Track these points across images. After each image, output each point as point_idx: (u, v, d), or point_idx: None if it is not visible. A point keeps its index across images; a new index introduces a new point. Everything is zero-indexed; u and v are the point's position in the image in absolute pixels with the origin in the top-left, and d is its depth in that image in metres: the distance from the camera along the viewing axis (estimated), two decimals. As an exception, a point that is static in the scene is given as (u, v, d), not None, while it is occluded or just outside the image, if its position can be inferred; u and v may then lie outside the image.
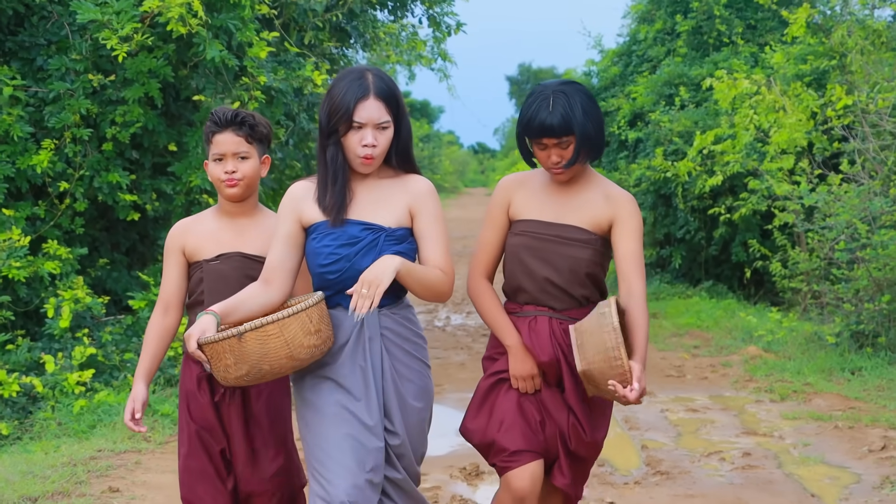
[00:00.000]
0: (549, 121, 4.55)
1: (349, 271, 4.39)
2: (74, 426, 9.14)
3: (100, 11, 10.21)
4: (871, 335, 12.51)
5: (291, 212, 4.55)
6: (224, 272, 4.86)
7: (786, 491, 7.39)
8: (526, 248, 4.75)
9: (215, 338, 4.19)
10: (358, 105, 4.38)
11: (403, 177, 4.60)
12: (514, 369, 4.72)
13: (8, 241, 10.23)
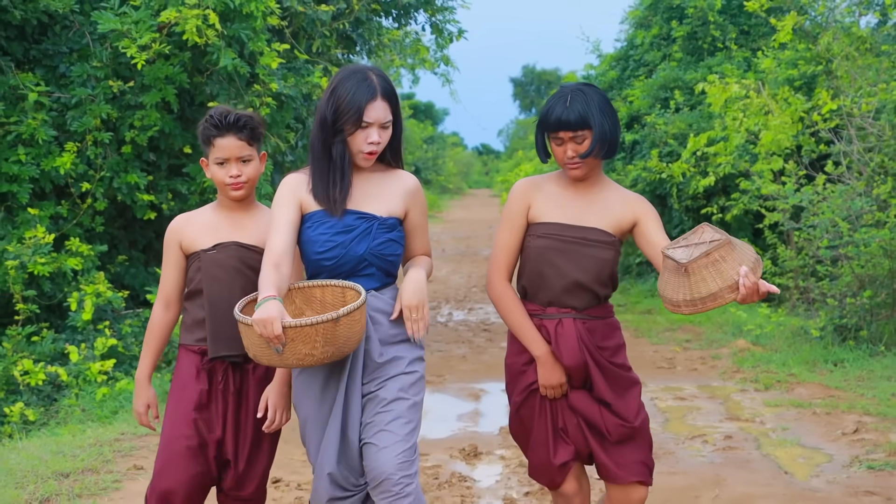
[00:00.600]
0: (566, 115, 4.69)
1: (345, 257, 4.58)
2: (98, 412, 9.61)
3: (119, 21, 10.66)
4: (853, 329, 12.94)
5: (293, 200, 4.66)
6: (221, 261, 4.88)
7: (761, 469, 7.86)
8: (553, 251, 4.85)
9: (311, 321, 4.20)
10: (368, 106, 4.54)
11: (392, 172, 4.81)
12: (544, 379, 4.85)
13: (33, 239, 10.71)
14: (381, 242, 4.66)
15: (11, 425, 9.66)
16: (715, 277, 4.37)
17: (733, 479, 7.56)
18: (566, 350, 4.82)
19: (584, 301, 4.87)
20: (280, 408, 4.82)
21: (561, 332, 4.84)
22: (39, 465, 7.54)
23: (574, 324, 4.85)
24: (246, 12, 10.93)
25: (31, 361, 10.22)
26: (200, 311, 4.90)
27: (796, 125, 14.74)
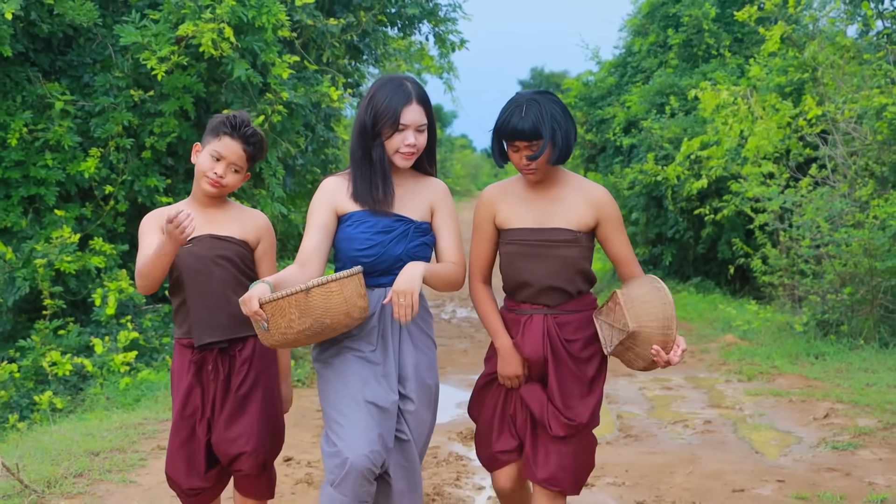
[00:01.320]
0: (521, 125, 4.76)
1: (383, 256, 4.74)
2: (121, 400, 10.18)
3: (140, 34, 11.16)
4: (834, 324, 13.51)
5: (328, 202, 4.84)
6: (197, 253, 4.96)
7: (735, 449, 8.44)
8: (520, 256, 4.93)
9: (282, 294, 4.38)
10: (404, 109, 4.73)
11: (424, 179, 4.97)
12: (501, 369, 4.97)
13: (60, 239, 11.29)
14: (416, 245, 4.82)
15: (41, 412, 10.24)
16: (635, 359, 4.83)
17: (707, 458, 8.14)
18: (528, 343, 4.93)
19: (557, 299, 4.96)
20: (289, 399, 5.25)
21: (528, 327, 4.95)
22: (71, 444, 8.12)
23: (544, 319, 4.96)
24: (258, 25, 11.42)
25: (59, 353, 10.81)
26: (184, 303, 5.04)
27: (783, 130, 15.26)
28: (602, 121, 23.72)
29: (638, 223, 21.92)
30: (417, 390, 4.81)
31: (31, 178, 11.56)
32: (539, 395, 4.94)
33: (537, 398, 4.94)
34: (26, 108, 11.55)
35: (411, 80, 4.87)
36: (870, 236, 12.67)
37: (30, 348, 11.10)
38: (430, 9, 15.70)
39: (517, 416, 5.00)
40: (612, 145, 23.26)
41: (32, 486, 6.86)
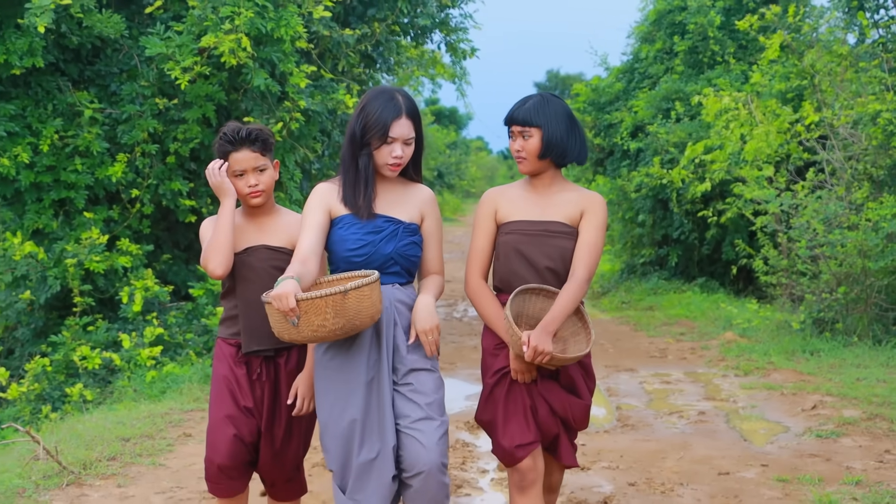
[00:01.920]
0: (517, 113, 5.09)
1: (374, 255, 4.90)
2: (147, 392, 10.66)
3: (164, 46, 11.62)
4: (830, 322, 13.94)
5: (322, 205, 4.98)
6: (251, 263, 5.12)
7: (724, 437, 8.90)
8: (521, 243, 5.10)
9: (320, 294, 4.48)
10: (393, 123, 4.87)
11: (412, 185, 5.15)
12: (515, 364, 5.05)
13: (89, 240, 11.79)
14: (405, 244, 4.98)
15: (72, 403, 10.75)
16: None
17: (698, 445, 8.61)
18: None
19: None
20: (307, 397, 5.17)
21: None
22: (104, 431, 8.63)
23: None
24: (277, 37, 11.87)
25: (88, 348, 11.30)
26: (235, 308, 5.17)
27: (783, 135, 15.67)
28: (610, 125, 24.09)
29: (644, 225, 22.38)
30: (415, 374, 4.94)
31: (62, 182, 12.01)
32: (558, 392, 5.12)
33: (557, 395, 5.11)
34: (57, 116, 12.01)
35: (403, 93, 5.02)
36: (863, 238, 13.08)
37: (61, 343, 11.59)
38: (441, 19, 16.16)
39: (539, 407, 5.12)
40: (619, 149, 23.64)
41: (70, 468, 7.37)
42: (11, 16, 11.07)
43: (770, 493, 7.09)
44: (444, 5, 15.91)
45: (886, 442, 8.44)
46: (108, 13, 11.85)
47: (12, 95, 11.87)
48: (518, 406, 5.11)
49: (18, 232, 11.99)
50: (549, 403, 5.11)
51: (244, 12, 11.31)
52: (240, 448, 5.10)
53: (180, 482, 7.36)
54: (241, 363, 5.16)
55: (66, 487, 7.11)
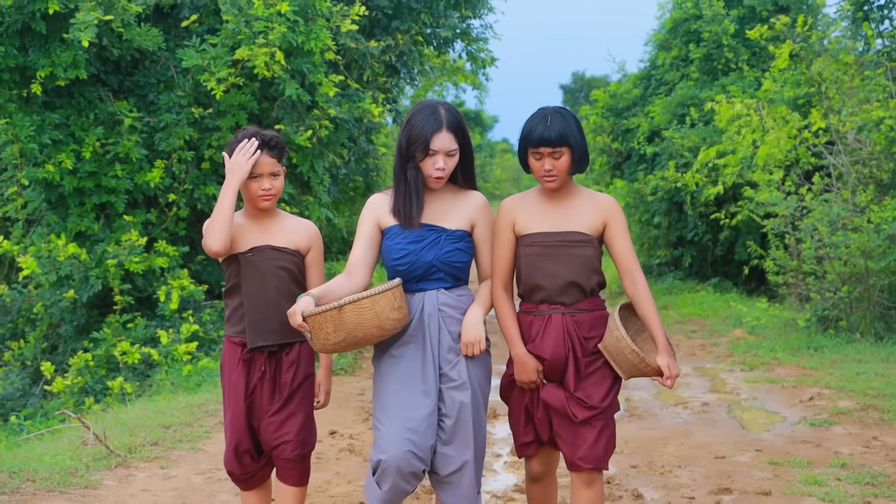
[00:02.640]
0: (547, 134, 5.04)
1: (416, 263, 5.04)
2: (184, 384, 11.21)
3: (200, 58, 12.20)
4: (834, 319, 14.43)
5: (373, 217, 5.16)
6: (257, 262, 5.24)
7: (724, 426, 9.42)
8: (541, 256, 5.16)
9: (318, 310, 4.71)
10: (433, 136, 4.99)
11: (464, 192, 5.25)
12: (518, 375, 5.22)
13: (128, 242, 12.37)
14: (448, 251, 5.08)
15: (113, 396, 11.32)
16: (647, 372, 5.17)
17: (699, 433, 9.14)
18: (550, 344, 5.16)
19: (574, 297, 5.18)
20: (327, 392, 5.51)
21: (549, 328, 5.17)
22: (145, 419, 9.21)
23: (563, 318, 5.17)
24: (307, 49, 12.42)
25: (128, 344, 11.88)
26: (240, 306, 5.31)
27: (792, 140, 16.13)
28: (627, 130, 24.59)
29: (660, 227, 22.87)
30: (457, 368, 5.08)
31: (103, 187, 12.61)
32: (557, 393, 5.17)
33: (556, 396, 5.17)
34: (98, 125, 12.62)
35: (446, 106, 5.11)
36: (866, 239, 13.55)
37: (102, 339, 12.20)
38: (463, 29, 16.70)
39: (535, 411, 5.26)
40: (636, 153, 24.14)
41: (116, 452, 7.94)
42: (57, 30, 11.64)
43: (761, 475, 7.61)
44: (465, 16, 16.44)
45: (875, 430, 8.94)
46: (146, 27, 12.43)
47: (57, 105, 12.45)
48: (518, 406, 5.33)
49: (62, 234, 12.54)
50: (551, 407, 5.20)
51: (277, 27, 11.86)
52: (243, 459, 5.37)
53: (218, 465, 7.90)
54: (245, 362, 5.31)
55: (114, 469, 7.67)
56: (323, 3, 12.73)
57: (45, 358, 13.04)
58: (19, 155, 12.43)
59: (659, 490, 7.31)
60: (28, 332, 13.46)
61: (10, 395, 12.64)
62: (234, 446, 5.33)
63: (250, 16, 12.08)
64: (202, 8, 13.25)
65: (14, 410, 12.35)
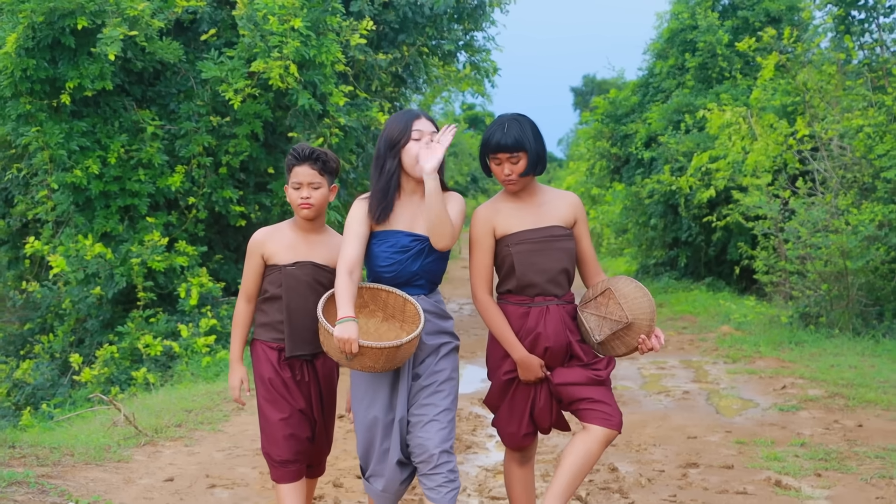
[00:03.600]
0: (504, 140, 5.20)
1: (402, 272, 5.21)
2: (203, 375, 11.91)
3: (218, 70, 12.95)
4: (815, 316, 15.13)
5: (363, 217, 5.22)
6: (298, 276, 5.39)
7: (701, 411, 10.11)
8: (531, 252, 5.31)
9: (381, 345, 4.88)
10: (414, 122, 5.20)
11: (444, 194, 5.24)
12: (523, 376, 5.35)
13: (151, 242, 13.08)
14: (431, 261, 5.23)
15: (137, 385, 12.02)
16: (620, 346, 5.37)
17: (676, 417, 9.83)
18: (553, 332, 5.33)
19: (564, 288, 5.39)
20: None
21: (548, 318, 5.34)
22: (169, 404, 9.92)
23: (558, 309, 5.37)
24: (318, 62, 13.17)
25: (151, 337, 12.59)
26: (278, 314, 5.44)
27: (779, 147, 16.82)
28: (626, 136, 25.29)
29: (656, 228, 23.60)
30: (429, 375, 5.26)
31: (127, 190, 13.33)
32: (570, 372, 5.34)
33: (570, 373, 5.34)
34: (123, 132, 13.35)
35: (416, 108, 5.73)
36: (845, 240, 14.24)
37: (126, 333, 12.91)
38: (466, 41, 17.42)
39: (538, 402, 5.43)
40: (634, 158, 24.85)
41: (144, 432, 8.66)
42: (85, 45, 12.39)
43: (727, 452, 8.31)
44: (468, 29, 17.15)
45: (838, 414, 9.63)
46: (167, 40, 13.19)
47: (84, 114, 13.18)
48: (524, 402, 5.45)
49: (89, 235, 13.25)
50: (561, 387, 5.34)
51: (291, 42, 12.58)
52: (296, 445, 5.45)
53: (237, 444, 8.62)
54: (284, 366, 5.44)
55: (143, 446, 8.38)
56: (333, 19, 13.46)
57: (73, 351, 13.72)
58: (49, 161, 13.06)
59: (633, 465, 8.00)
60: (56, 327, 14.15)
61: (40, 384, 13.36)
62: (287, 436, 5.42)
63: (265, 31, 12.80)
64: (220, 23, 14.02)
65: (44, 399, 13.08)
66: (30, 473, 6.96)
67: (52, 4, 11.97)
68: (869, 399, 10.21)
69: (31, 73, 12.38)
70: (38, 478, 6.92)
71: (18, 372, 13.63)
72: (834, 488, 7.15)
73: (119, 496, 6.85)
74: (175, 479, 7.39)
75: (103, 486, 7.03)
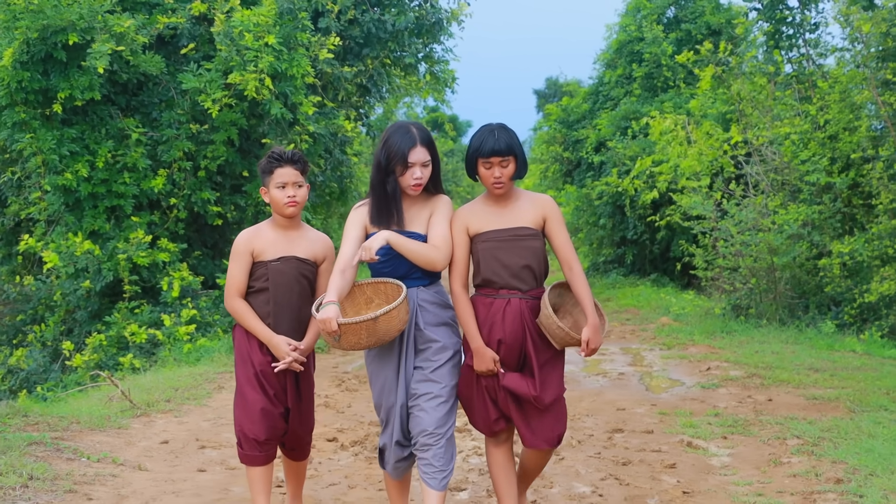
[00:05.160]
0: (497, 146, 5.46)
1: (398, 266, 5.48)
2: (185, 360, 12.83)
3: (197, 81, 13.89)
4: (745, 308, 16.22)
5: (360, 222, 5.51)
6: (284, 270, 5.68)
7: (632, 389, 11.15)
8: (498, 249, 5.56)
9: (356, 320, 5.08)
10: (410, 151, 5.39)
11: (432, 197, 5.63)
12: (477, 366, 5.58)
13: (136, 239, 13.98)
14: None
15: (124, 370, 12.92)
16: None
17: (609, 393, 10.88)
18: (510, 324, 5.57)
19: (529, 283, 5.60)
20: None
21: (508, 310, 5.57)
22: (157, 384, 10.89)
23: (519, 303, 5.57)
24: (290, 74, 14.18)
25: (136, 326, 13.48)
26: (264, 306, 5.71)
27: (716, 151, 17.85)
28: (577, 141, 26.36)
29: (605, 228, 24.68)
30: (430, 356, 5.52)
31: (113, 192, 14.22)
32: (519, 381, 5.58)
33: (518, 384, 5.58)
34: (109, 138, 14.25)
35: (417, 125, 5.52)
36: (772, 238, 15.32)
37: (113, 323, 13.81)
38: (426, 53, 18.43)
39: (498, 396, 5.65)
40: (585, 162, 25.93)
41: (138, 405, 9.64)
42: (75, 58, 13.30)
43: (649, 420, 9.37)
44: (427, 43, 18.17)
45: (753, 391, 10.69)
46: (150, 54, 14.11)
47: (74, 122, 14.07)
48: (484, 392, 5.67)
49: (79, 233, 14.14)
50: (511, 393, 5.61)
51: (265, 56, 13.54)
52: (270, 424, 5.71)
53: (221, 415, 9.59)
54: (265, 352, 5.70)
55: (138, 417, 9.36)
56: (303, 35, 14.47)
57: (63, 339, 14.60)
58: (42, 164, 13.94)
59: (567, 430, 8.96)
60: (48, 318, 15.04)
61: (33, 370, 14.26)
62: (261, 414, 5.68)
63: (241, 46, 13.75)
64: (199, 38, 14.95)
65: (37, 383, 13.98)
66: (45, 436, 7.95)
67: (45, 22, 12.87)
68: (782, 379, 11.23)
69: (25, 84, 13.24)
70: (52, 439, 7.90)
71: (13, 359, 14.54)
72: (736, 448, 8.22)
73: (123, 454, 7.85)
74: (169, 442, 8.40)
75: (109, 447, 8.02)
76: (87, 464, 7.44)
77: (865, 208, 16.20)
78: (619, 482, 7.31)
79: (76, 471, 7.20)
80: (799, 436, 8.41)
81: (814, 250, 15.85)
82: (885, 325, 14.46)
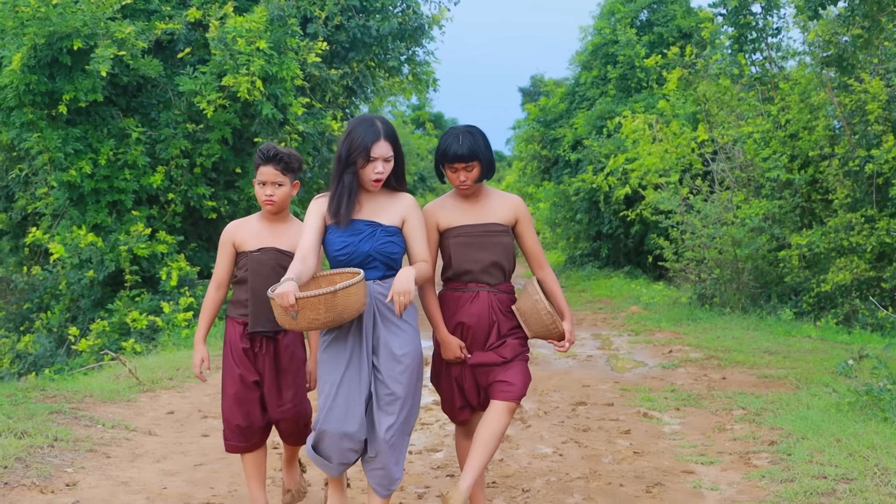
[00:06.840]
0: (460, 151, 5.39)
1: (354, 254, 5.24)
2: (184, 344, 13.52)
3: (193, 83, 14.60)
4: (710, 297, 17.03)
5: (319, 213, 5.31)
6: (263, 260, 5.63)
7: (599, 369, 11.94)
8: (468, 244, 5.53)
9: (315, 293, 4.86)
10: (373, 145, 5.18)
11: (396, 194, 5.41)
12: (444, 354, 5.59)
13: (136, 232, 14.68)
14: (383, 243, 5.25)
15: (126, 354, 13.61)
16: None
17: (577, 373, 11.67)
18: (476, 312, 5.57)
19: (497, 277, 5.59)
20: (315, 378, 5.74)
21: (476, 301, 5.58)
22: (160, 364, 11.63)
23: (488, 295, 5.58)
24: (280, 77, 14.92)
25: (137, 313, 14.20)
26: (244, 294, 5.67)
27: (684, 149, 18.62)
28: (554, 139, 27.13)
29: (581, 223, 25.47)
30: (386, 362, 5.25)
31: (115, 187, 14.93)
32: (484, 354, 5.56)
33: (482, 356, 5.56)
34: (111, 137, 14.95)
35: (381, 119, 5.33)
36: (735, 231, 16.11)
37: (115, 310, 14.53)
38: (409, 56, 19.17)
39: (464, 383, 5.65)
40: (562, 160, 26.74)
41: (144, 382, 10.39)
42: (79, 62, 14.00)
43: (611, 395, 10.17)
44: (410, 46, 18.91)
45: (710, 371, 11.48)
46: (149, 58, 14.82)
47: (78, 122, 14.77)
48: (451, 380, 5.70)
49: (83, 226, 14.85)
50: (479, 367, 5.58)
51: (256, 60, 14.26)
52: (246, 410, 5.71)
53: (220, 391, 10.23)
54: (245, 339, 5.67)
55: (145, 392, 10.12)
56: (293, 40, 15.22)
57: (68, 326, 15.29)
58: (48, 162, 14.64)
59: (535, 403, 9.82)
60: (53, 305, 15.76)
61: (40, 354, 14.97)
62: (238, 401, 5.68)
63: (234, 50, 14.47)
64: (194, 43, 15.66)
65: (44, 367, 14.68)
66: (63, 406, 8.71)
67: (52, 28, 13.57)
68: (739, 360, 12.03)
69: (32, 86, 13.91)
70: (70, 409, 8.66)
71: (21, 344, 15.23)
72: (686, 418, 9.01)
73: (135, 422, 8.63)
74: (175, 413, 9.18)
75: (121, 416, 8.79)
76: (103, 429, 8.20)
77: (823, 203, 16.95)
78: (578, 445, 8.08)
79: (94, 434, 7.96)
80: (744, 407, 9.19)
81: (774, 243, 16.65)
82: (840, 313, 15.21)
